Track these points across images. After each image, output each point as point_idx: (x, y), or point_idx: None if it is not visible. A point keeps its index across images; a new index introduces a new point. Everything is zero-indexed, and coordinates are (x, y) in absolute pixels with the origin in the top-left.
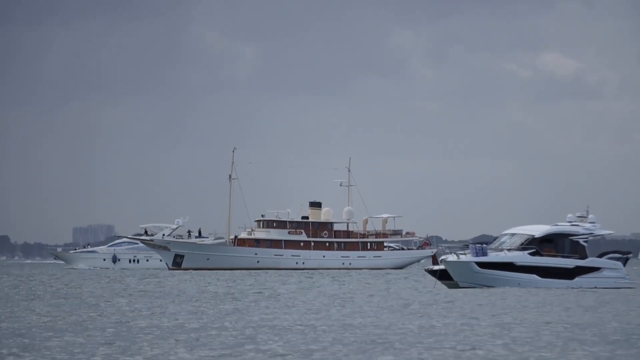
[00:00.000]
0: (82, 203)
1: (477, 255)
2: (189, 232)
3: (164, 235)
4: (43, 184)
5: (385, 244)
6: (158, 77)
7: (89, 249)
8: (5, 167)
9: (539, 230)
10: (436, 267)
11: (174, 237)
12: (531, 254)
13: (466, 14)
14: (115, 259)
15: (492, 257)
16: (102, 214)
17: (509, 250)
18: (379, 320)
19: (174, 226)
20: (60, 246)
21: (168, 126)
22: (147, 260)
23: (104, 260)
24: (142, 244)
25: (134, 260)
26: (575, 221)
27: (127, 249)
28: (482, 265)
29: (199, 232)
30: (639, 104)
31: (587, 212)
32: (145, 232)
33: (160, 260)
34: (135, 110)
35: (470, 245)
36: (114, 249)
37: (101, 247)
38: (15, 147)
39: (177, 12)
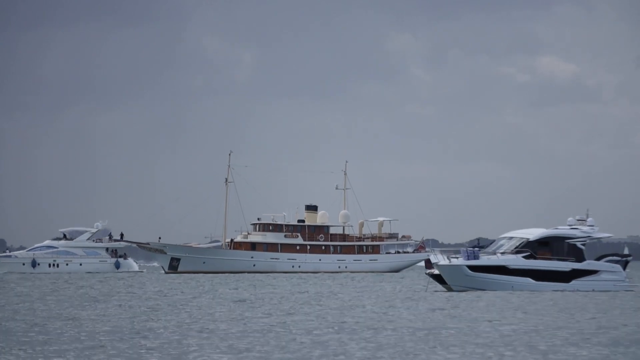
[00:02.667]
0: (78, 207)
1: (468, 259)
2: (110, 235)
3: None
4: (39, 188)
5: (385, 249)
6: (155, 81)
7: (7, 253)
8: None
9: (534, 233)
10: (435, 272)
11: (94, 240)
12: (525, 257)
13: (464, 17)
14: (34, 263)
15: (484, 260)
16: (97, 218)
17: (502, 253)
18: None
19: (94, 230)
20: None
21: (165, 130)
22: (67, 265)
23: (23, 264)
24: (62, 248)
25: (53, 265)
26: (575, 224)
27: (46, 253)
28: (473, 268)
29: (121, 236)
30: (636, 107)
31: (587, 215)
32: (64, 236)
33: (81, 265)
34: (132, 114)
35: (462, 249)
36: (33, 253)
37: (20, 251)
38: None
39: (174, 16)
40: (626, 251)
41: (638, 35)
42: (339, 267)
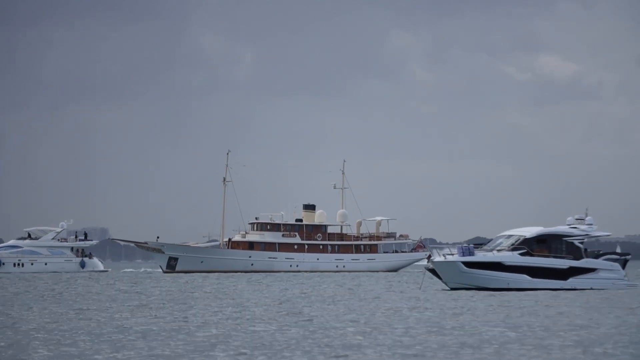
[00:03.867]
0: (78, 206)
1: (463, 255)
2: (76, 234)
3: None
4: (39, 186)
5: (383, 248)
6: (154, 79)
7: None
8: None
9: (531, 231)
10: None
11: (58, 240)
12: (521, 254)
13: (465, 16)
14: None
15: (479, 257)
16: (96, 216)
17: (499, 250)
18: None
19: (59, 229)
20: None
21: (165, 129)
22: (32, 264)
23: None
24: (26, 248)
25: (18, 264)
26: (574, 224)
27: (10, 252)
28: (469, 265)
29: (85, 235)
30: (636, 105)
31: (586, 214)
32: (29, 235)
33: (46, 264)
34: (132, 113)
35: (458, 246)
36: None
37: None
38: (12, 150)
39: (175, 14)
40: (618, 250)
41: (638, 34)
42: (337, 266)
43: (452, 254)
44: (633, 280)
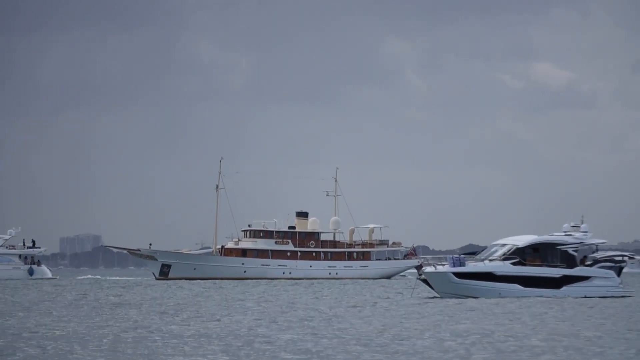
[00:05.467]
0: (71, 212)
1: (454, 266)
2: (24, 242)
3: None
4: (35, 193)
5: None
6: (150, 86)
7: None
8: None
9: (523, 239)
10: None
11: (6, 247)
12: (513, 264)
13: (459, 23)
14: None
15: (470, 267)
16: (90, 224)
17: (490, 260)
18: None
19: (6, 236)
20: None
21: (159, 136)
22: None
23: None
24: None
25: None
26: (570, 231)
27: None
28: (459, 275)
29: (33, 243)
30: (631, 113)
31: (582, 221)
32: None
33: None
34: (127, 120)
35: (448, 256)
36: None
37: None
38: (9, 157)
39: (171, 22)
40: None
41: (633, 41)
42: (330, 273)
43: (443, 264)
44: (631, 288)
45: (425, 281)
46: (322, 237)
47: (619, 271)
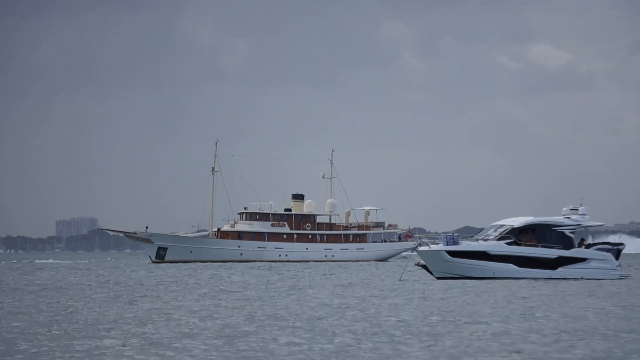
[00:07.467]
0: (68, 195)
1: (447, 244)
2: None
3: None
4: (32, 177)
5: (372, 238)
6: (149, 69)
7: None
8: None
9: (519, 220)
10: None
11: None
12: (508, 244)
13: (457, 5)
14: None
15: (464, 246)
16: (86, 207)
17: (485, 240)
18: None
19: None
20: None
21: (158, 119)
22: None
23: None
24: None
25: None
26: (569, 214)
27: None
28: (453, 254)
29: None
30: (628, 94)
31: (581, 204)
32: None
33: None
34: (126, 103)
35: (442, 235)
36: None
37: None
38: (8, 140)
39: (170, 5)
40: (590, 240)
41: (630, 23)
42: (326, 256)
43: (438, 244)
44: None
45: (425, 267)
46: (318, 219)
47: (617, 254)
